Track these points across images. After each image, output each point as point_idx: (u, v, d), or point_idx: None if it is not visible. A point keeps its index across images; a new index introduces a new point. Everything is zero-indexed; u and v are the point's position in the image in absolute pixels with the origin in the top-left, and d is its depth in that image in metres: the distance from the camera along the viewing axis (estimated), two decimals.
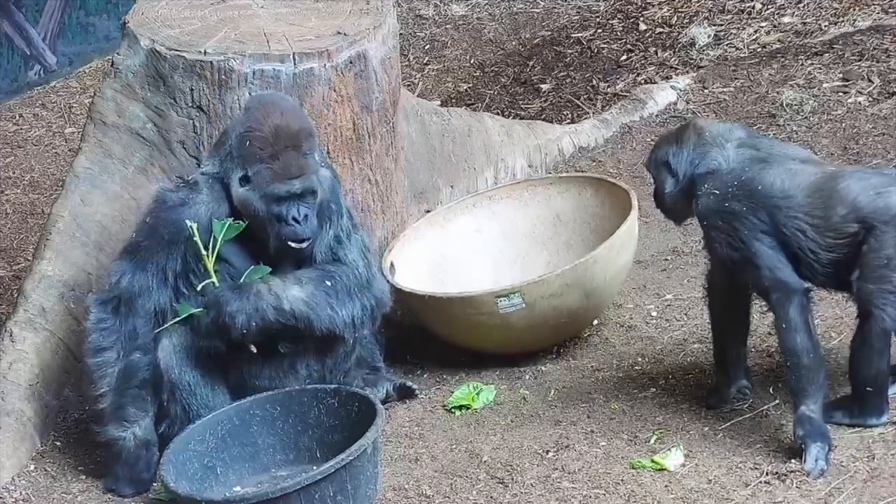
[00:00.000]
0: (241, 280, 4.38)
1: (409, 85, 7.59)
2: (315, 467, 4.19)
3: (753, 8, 7.77)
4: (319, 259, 4.49)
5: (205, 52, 4.94)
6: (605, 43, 7.89)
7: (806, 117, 6.57)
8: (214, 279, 4.38)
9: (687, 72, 7.29)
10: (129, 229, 4.69)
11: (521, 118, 7.08)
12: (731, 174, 4.37)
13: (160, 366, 4.43)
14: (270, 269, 4.41)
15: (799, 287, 4.28)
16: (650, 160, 4.58)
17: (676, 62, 7.47)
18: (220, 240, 4.36)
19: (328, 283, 4.42)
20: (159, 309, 4.40)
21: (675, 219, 4.69)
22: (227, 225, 4.38)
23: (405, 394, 4.83)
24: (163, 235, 4.38)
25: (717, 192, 4.35)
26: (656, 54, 7.62)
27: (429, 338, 5.18)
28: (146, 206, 4.54)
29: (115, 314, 4.40)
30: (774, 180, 4.32)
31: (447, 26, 8.51)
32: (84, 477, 4.64)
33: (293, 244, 4.38)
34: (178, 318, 4.40)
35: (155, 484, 4.50)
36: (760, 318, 4.78)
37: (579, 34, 8.05)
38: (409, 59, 8.09)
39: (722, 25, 7.68)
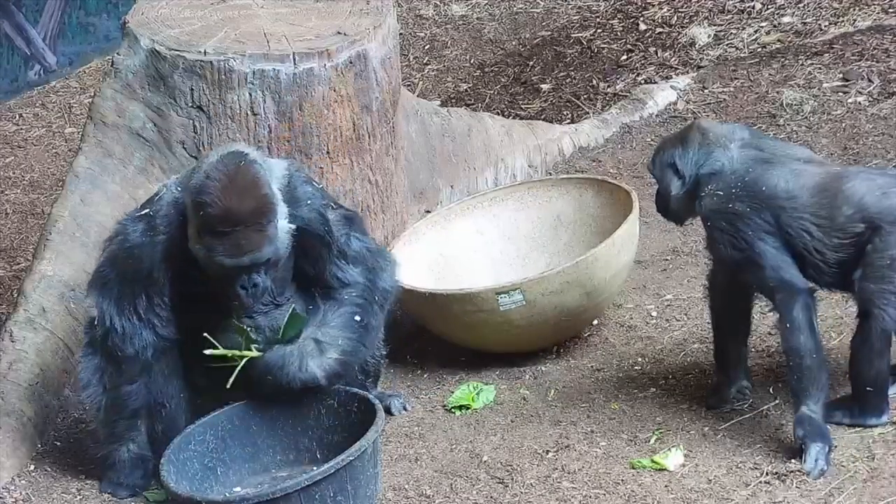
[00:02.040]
0: (281, 334, 4.29)
1: (409, 85, 7.59)
2: (315, 468, 4.19)
3: (753, 8, 7.77)
4: (333, 286, 4.43)
5: (205, 52, 4.94)
6: (605, 43, 7.89)
7: (806, 117, 6.57)
8: (254, 353, 4.29)
9: (687, 72, 7.29)
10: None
11: (521, 118, 7.08)
12: (734, 175, 4.37)
13: (151, 392, 4.44)
14: (306, 317, 4.33)
15: (804, 287, 4.28)
16: (654, 163, 4.57)
17: (676, 62, 7.47)
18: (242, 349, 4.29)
19: (357, 319, 4.40)
20: (141, 343, 4.35)
21: (678, 220, 4.68)
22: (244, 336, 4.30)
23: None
24: (125, 273, 4.32)
25: (721, 192, 4.35)
26: (656, 54, 7.62)
27: (429, 338, 5.18)
28: (110, 233, 4.44)
29: (98, 349, 4.40)
30: (778, 181, 4.32)
31: (447, 26, 8.51)
32: (84, 477, 4.64)
33: (242, 307, 4.31)
34: (235, 372, 4.29)
35: (154, 485, 4.51)
36: (760, 319, 4.78)
37: (579, 34, 8.06)
38: (409, 59, 8.09)
39: (722, 25, 7.68)
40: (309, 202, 4.35)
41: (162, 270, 4.29)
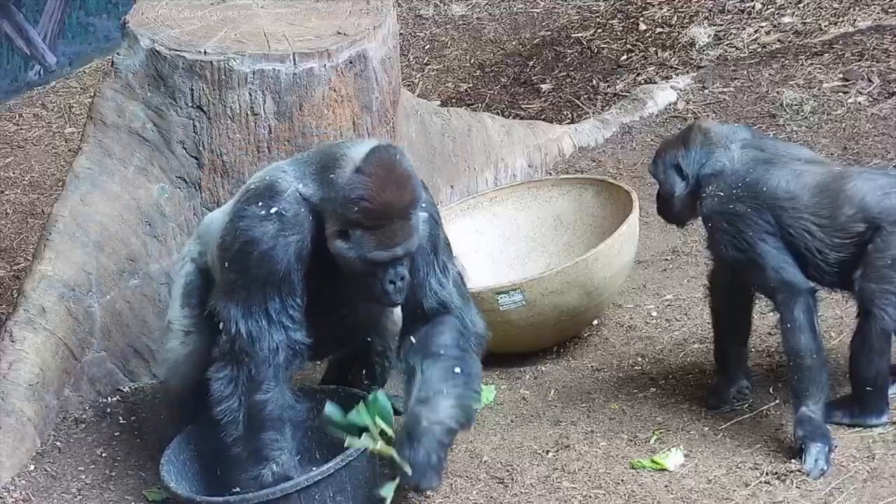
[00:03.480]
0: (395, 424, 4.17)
1: (409, 85, 7.59)
2: (315, 468, 4.19)
3: (753, 8, 7.78)
4: (426, 306, 4.28)
5: (205, 52, 4.94)
6: (605, 43, 7.89)
7: (806, 117, 6.57)
8: (397, 459, 4.13)
9: (687, 72, 7.29)
10: (129, 231, 4.60)
11: (521, 118, 7.08)
12: (735, 175, 4.37)
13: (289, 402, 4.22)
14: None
15: (805, 287, 4.29)
16: (656, 164, 4.56)
17: (676, 62, 7.47)
18: (373, 418, 4.15)
19: (457, 371, 4.24)
20: (271, 346, 4.15)
21: (680, 222, 4.67)
22: (377, 403, 4.18)
23: None
24: (257, 277, 4.12)
25: (722, 193, 4.35)
26: (656, 54, 7.62)
27: None
28: (230, 231, 4.18)
29: (231, 361, 4.18)
30: (779, 181, 4.32)
31: (447, 26, 8.51)
32: (84, 477, 4.64)
33: (383, 303, 4.21)
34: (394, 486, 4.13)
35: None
36: (760, 319, 4.78)
37: (579, 34, 8.06)
38: (409, 59, 8.09)
39: (722, 25, 7.68)
40: (424, 205, 4.22)
41: (297, 271, 4.12)
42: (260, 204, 4.14)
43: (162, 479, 4.22)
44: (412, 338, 4.29)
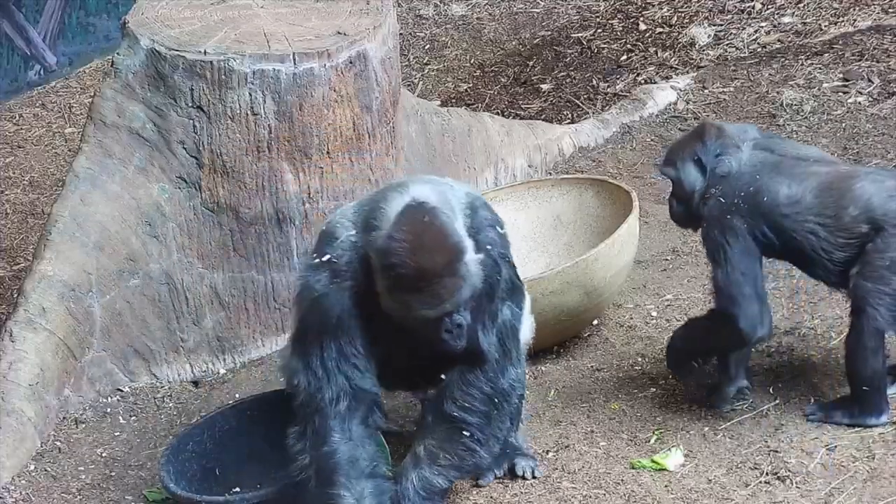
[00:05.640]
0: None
1: (409, 85, 7.59)
2: None
3: (753, 8, 7.78)
4: (485, 348, 4.10)
5: (205, 52, 4.95)
6: (605, 43, 7.89)
7: (806, 117, 6.57)
8: None
9: (687, 72, 7.29)
10: (129, 231, 4.60)
11: (521, 118, 7.08)
12: (740, 181, 4.36)
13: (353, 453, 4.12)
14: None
15: (750, 336, 4.33)
16: (671, 163, 4.50)
17: (676, 62, 7.47)
18: None
19: (466, 434, 4.12)
20: (331, 395, 4.05)
21: (696, 223, 4.56)
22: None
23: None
24: (312, 325, 4.04)
25: (723, 199, 4.35)
26: (656, 54, 7.62)
27: None
28: (296, 279, 4.19)
29: (300, 417, 4.09)
30: (780, 187, 4.32)
31: (447, 26, 8.51)
32: (84, 477, 4.64)
33: (448, 349, 4.05)
34: None
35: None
36: None
37: (579, 34, 8.06)
38: (409, 59, 8.09)
39: (722, 25, 7.68)
40: (489, 247, 4.07)
41: (353, 317, 4.00)
42: (315, 252, 4.08)
43: (161, 480, 4.22)
44: (442, 375, 4.17)
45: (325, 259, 4.02)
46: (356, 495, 4.00)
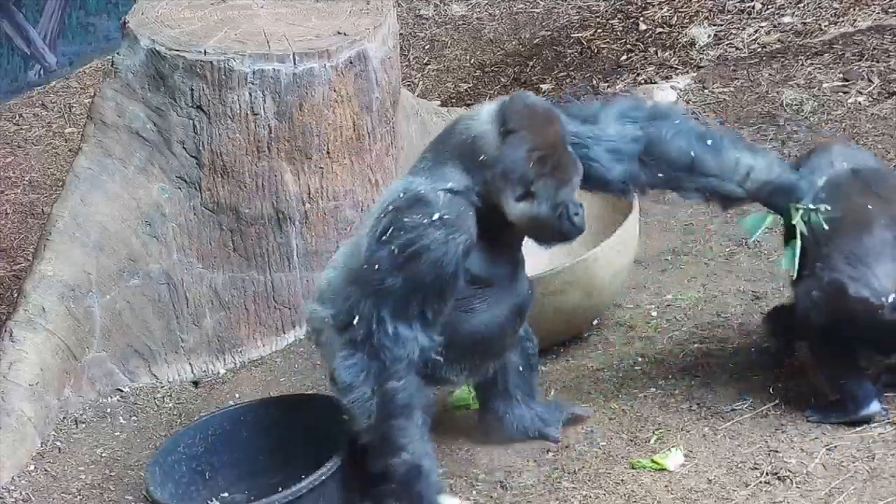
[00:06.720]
0: None
1: (409, 85, 7.59)
2: (305, 475, 4.12)
3: (753, 8, 7.77)
4: None
5: (205, 52, 4.95)
6: (605, 43, 7.89)
7: (806, 117, 6.57)
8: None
9: (687, 72, 7.29)
10: (129, 231, 4.58)
11: None
12: None
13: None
14: None
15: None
16: None
17: (676, 62, 7.47)
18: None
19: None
20: (412, 347, 4.06)
21: None
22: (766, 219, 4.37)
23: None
24: (421, 283, 4.02)
25: None
26: (656, 54, 7.62)
27: None
28: (387, 243, 4.04)
29: (362, 351, 4.07)
30: None
31: (447, 26, 8.51)
32: (84, 477, 4.64)
33: (572, 238, 4.24)
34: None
35: None
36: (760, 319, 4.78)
37: (579, 34, 8.06)
38: (409, 59, 8.09)
39: (722, 25, 7.68)
40: None
41: (462, 269, 4.07)
42: (419, 214, 4.03)
43: (145, 483, 4.19)
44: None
45: (434, 218, 4.01)
46: (416, 430, 4.07)
